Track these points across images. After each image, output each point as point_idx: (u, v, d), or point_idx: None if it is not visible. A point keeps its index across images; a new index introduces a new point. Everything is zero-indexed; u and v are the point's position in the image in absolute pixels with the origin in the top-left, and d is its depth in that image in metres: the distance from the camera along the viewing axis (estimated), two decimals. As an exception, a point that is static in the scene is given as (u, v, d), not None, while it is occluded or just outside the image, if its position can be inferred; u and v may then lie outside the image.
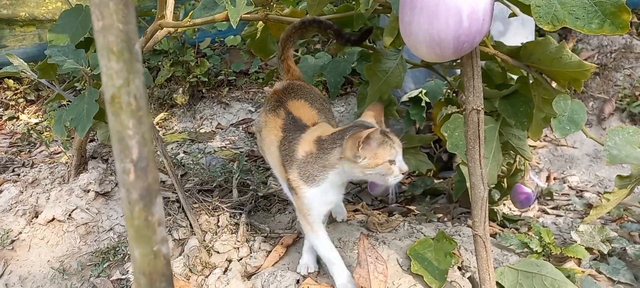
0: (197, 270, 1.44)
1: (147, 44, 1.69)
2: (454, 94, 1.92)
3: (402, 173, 1.22)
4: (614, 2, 0.84)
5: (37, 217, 1.59)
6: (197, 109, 3.44)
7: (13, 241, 1.55)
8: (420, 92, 2.07)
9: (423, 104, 2.07)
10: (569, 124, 1.20)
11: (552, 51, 1.18)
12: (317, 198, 1.24)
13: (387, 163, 1.18)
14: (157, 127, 3.31)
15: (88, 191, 1.62)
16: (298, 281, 1.35)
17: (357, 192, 2.07)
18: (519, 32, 1.98)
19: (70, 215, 1.56)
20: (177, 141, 3.10)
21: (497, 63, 1.62)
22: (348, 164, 1.19)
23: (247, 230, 1.60)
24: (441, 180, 2.13)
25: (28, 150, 3.13)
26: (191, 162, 2.23)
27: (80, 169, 1.73)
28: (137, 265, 0.48)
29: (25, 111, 3.73)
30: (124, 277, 1.42)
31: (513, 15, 1.19)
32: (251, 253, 1.50)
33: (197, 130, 3.30)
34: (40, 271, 1.46)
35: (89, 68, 1.63)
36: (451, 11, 0.95)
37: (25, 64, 1.78)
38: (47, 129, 3.38)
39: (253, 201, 1.79)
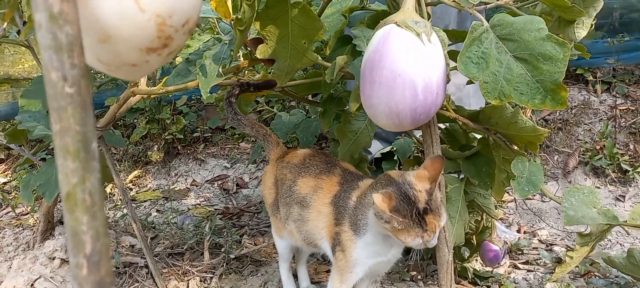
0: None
1: (120, 110, 1.71)
2: (421, 153, 1.98)
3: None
4: (553, 80, 0.91)
5: (-2, 286, 1.54)
6: (172, 165, 3.43)
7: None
8: (392, 149, 2.13)
9: (395, 158, 2.13)
10: (528, 186, 1.25)
11: (507, 116, 1.25)
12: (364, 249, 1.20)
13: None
14: (130, 185, 3.27)
15: (53, 258, 1.59)
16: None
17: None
18: (473, 96, 2.09)
19: (32, 285, 1.51)
20: (151, 199, 3.07)
21: (458, 125, 1.69)
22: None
23: (218, 295, 1.58)
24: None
25: (-5, 211, 3.04)
26: (163, 223, 2.21)
27: (47, 235, 1.69)
28: None
29: (-6, 170, 3.65)
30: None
31: (470, 82, 1.27)
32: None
33: (171, 187, 3.28)
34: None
35: (59, 133, 1.63)
36: (407, 85, 1.01)
37: (-4, 129, 1.77)
38: (16, 190, 3.30)
39: (225, 264, 1.77)
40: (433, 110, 1.08)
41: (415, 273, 1.81)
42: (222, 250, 1.87)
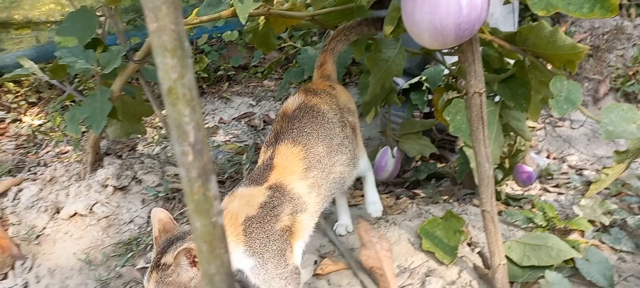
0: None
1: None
2: (453, 80, 1.99)
3: None
4: (603, -14, 0.90)
5: (58, 212, 1.65)
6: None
7: (38, 236, 1.61)
8: (421, 78, 2.13)
9: (424, 88, 2.14)
10: (567, 104, 1.27)
11: (546, 35, 1.24)
12: None
13: None
14: (159, 124, 3.36)
15: (106, 186, 1.68)
16: (315, 262, 1.42)
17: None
18: (502, 23, 2.05)
19: (91, 209, 1.62)
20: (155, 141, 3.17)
21: (493, 49, 1.69)
22: None
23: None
24: (443, 164, 2.20)
25: (35, 151, 3.17)
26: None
27: (96, 166, 1.78)
28: (199, 234, 0.54)
29: (28, 113, 3.77)
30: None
31: (507, 2, 1.26)
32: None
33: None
34: (67, 263, 1.53)
35: (99, 67, 1.68)
36: (451, 0, 1.01)
37: (36, 65, 1.82)
38: (52, 130, 3.42)
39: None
40: (477, 25, 1.08)
41: (446, 197, 1.88)
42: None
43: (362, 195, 1.83)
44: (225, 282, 0.57)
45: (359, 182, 2.19)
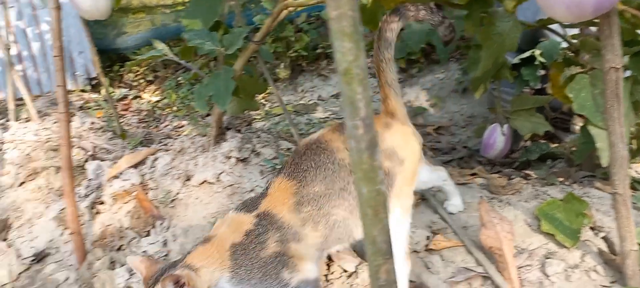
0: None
1: (273, 23, 1.85)
2: (574, 54, 1.87)
3: None
4: None
5: (189, 180, 1.85)
6: (298, 82, 3.62)
7: (173, 200, 1.82)
8: (534, 52, 2.03)
9: (536, 64, 2.04)
10: None
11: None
12: None
13: None
14: (262, 101, 3.54)
15: (229, 157, 1.84)
16: (428, 237, 1.45)
17: (469, 155, 2.11)
18: None
19: (218, 177, 1.79)
20: (281, 114, 3.32)
21: (625, 19, 1.56)
22: None
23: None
24: (557, 144, 2.10)
25: (155, 125, 3.51)
26: (303, 131, 2.40)
27: (219, 139, 1.95)
28: (365, 200, 0.61)
29: (146, 91, 4.16)
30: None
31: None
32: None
33: (299, 102, 3.48)
34: (198, 224, 1.71)
35: (223, 48, 1.82)
36: (595, -29, 0.96)
37: (167, 47, 2.01)
38: (168, 106, 3.76)
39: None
40: (619, -3, 1.02)
41: (562, 178, 1.79)
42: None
43: (473, 174, 1.81)
44: (386, 243, 0.64)
45: (459, 164, 2.17)
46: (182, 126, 3.29)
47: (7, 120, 2.57)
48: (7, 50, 2.64)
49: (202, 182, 1.80)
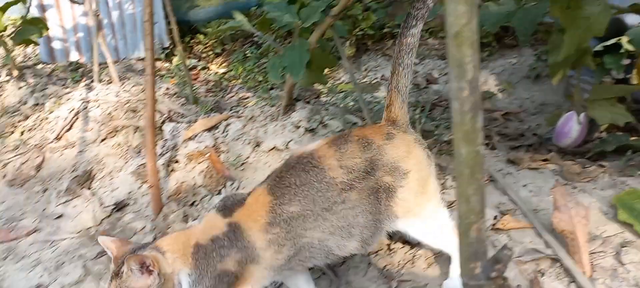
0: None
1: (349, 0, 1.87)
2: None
3: None
4: None
5: (258, 146, 1.93)
6: (362, 61, 3.63)
7: (243, 163, 1.90)
8: (621, 40, 1.93)
9: (622, 52, 1.93)
10: None
11: None
12: None
13: None
14: (326, 77, 3.58)
15: (298, 127, 1.90)
16: (495, 217, 1.45)
17: (539, 143, 2.06)
18: None
19: (287, 145, 1.86)
20: (345, 91, 3.34)
21: None
22: None
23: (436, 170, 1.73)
24: (636, 137, 2.00)
25: (222, 96, 3.65)
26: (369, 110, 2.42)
27: (288, 109, 2.01)
28: (462, 160, 0.63)
29: (214, 62, 4.31)
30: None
31: None
32: (444, 189, 1.63)
33: (362, 81, 3.49)
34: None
35: (300, 21, 1.86)
36: None
37: (245, 19, 2.08)
38: (234, 78, 3.88)
39: (438, 145, 1.91)
40: None
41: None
42: (434, 133, 2.00)
43: (545, 159, 1.77)
44: (479, 203, 0.66)
45: (531, 147, 2.11)
46: (246, 98, 3.39)
47: (92, 81, 2.77)
48: (96, 17, 2.82)
49: (271, 149, 1.88)
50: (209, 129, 2.09)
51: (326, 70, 3.64)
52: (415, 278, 1.37)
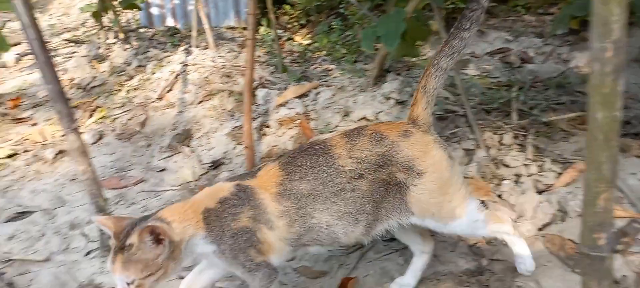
0: (487, 178, 1.58)
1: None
2: None
3: None
4: None
5: (347, 115, 1.96)
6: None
7: (332, 131, 1.95)
8: None
9: None
10: None
11: None
12: None
13: None
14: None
15: (389, 98, 1.90)
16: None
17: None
18: None
19: (377, 116, 1.87)
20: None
21: None
22: None
23: (534, 151, 1.66)
24: None
25: (306, 66, 3.71)
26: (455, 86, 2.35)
27: (378, 80, 2.02)
28: (598, 125, 0.61)
29: (298, 33, 4.39)
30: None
31: None
32: (541, 171, 1.57)
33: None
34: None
35: (396, -11, 1.84)
36: None
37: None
38: (318, 50, 3.93)
39: (535, 126, 1.83)
40: None
41: None
42: (533, 113, 1.91)
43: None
44: (611, 171, 0.63)
45: (638, 135, 1.95)
46: (330, 70, 3.43)
47: (190, 46, 2.94)
48: (195, -16, 2.98)
49: (361, 118, 1.90)
50: (300, 97, 2.15)
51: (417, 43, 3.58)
52: (509, 258, 1.34)
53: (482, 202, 1.54)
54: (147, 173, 2.21)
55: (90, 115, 2.84)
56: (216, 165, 2.11)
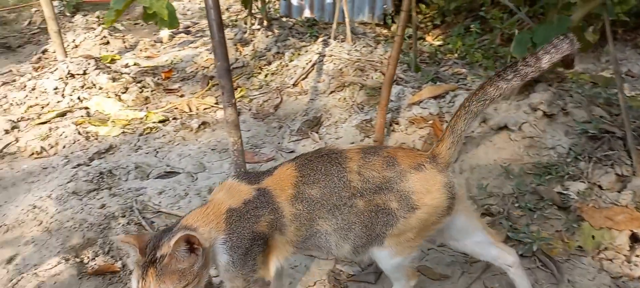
0: (646, 210, 1.41)
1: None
2: None
3: None
4: None
5: (486, 122, 1.87)
6: (605, 50, 3.17)
7: (466, 137, 1.88)
8: None
9: None
10: None
11: None
12: None
13: None
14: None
15: (536, 110, 1.78)
16: None
17: None
18: None
19: (520, 127, 1.76)
20: (577, 81, 2.98)
21: None
22: None
23: None
24: None
25: (436, 67, 3.63)
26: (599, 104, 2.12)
27: (525, 89, 1.90)
28: None
29: (430, 33, 4.30)
30: (565, 192, 1.53)
31: None
32: None
33: (600, 73, 3.06)
34: (486, 165, 1.75)
35: (561, -5, 1.71)
36: None
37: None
38: (450, 52, 3.82)
39: None
40: None
41: None
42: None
43: None
44: None
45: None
46: (461, 73, 3.31)
47: (328, 38, 3.04)
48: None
49: (501, 127, 1.81)
50: (435, 97, 2.11)
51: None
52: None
53: (633, 233, 1.38)
54: (277, 153, 2.35)
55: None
56: (342, 154, 2.17)
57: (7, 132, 2.69)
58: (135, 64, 3.95)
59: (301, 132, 2.44)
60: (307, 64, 2.86)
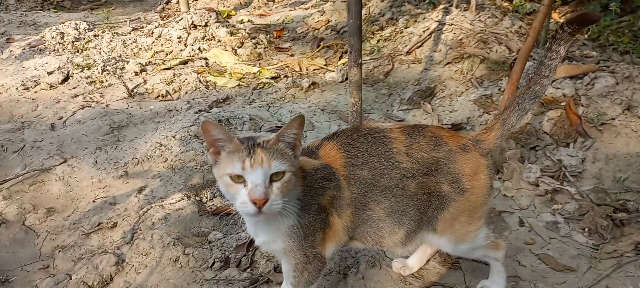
0: None
1: None
2: None
3: (252, 201, 0.94)
4: None
5: (630, 109, 1.67)
6: None
7: (604, 124, 1.70)
8: None
9: None
10: None
11: None
12: None
13: (229, 177, 0.97)
14: None
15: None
16: None
17: None
18: None
19: None
20: None
21: None
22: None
23: None
24: None
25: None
26: None
27: (684, 77, 1.65)
28: None
29: (557, 11, 3.92)
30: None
31: None
32: None
33: None
34: (624, 157, 1.57)
35: None
36: None
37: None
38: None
39: None
40: None
41: None
42: None
43: None
44: None
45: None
46: (590, 57, 2.98)
47: (450, 5, 2.89)
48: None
49: (651, 117, 1.60)
50: (572, 77, 1.92)
51: None
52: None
53: None
54: (385, 120, 2.31)
55: (341, 57, 3.09)
56: (456, 128, 2.07)
57: (136, 74, 2.94)
58: (249, 21, 4.09)
59: (412, 102, 2.37)
60: (423, 31, 2.75)
